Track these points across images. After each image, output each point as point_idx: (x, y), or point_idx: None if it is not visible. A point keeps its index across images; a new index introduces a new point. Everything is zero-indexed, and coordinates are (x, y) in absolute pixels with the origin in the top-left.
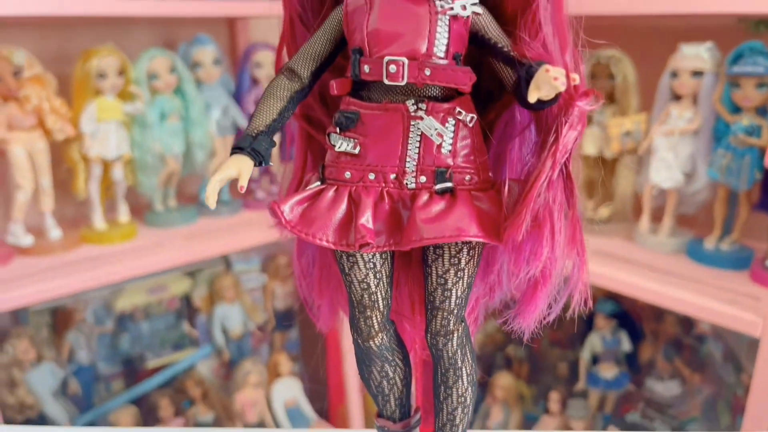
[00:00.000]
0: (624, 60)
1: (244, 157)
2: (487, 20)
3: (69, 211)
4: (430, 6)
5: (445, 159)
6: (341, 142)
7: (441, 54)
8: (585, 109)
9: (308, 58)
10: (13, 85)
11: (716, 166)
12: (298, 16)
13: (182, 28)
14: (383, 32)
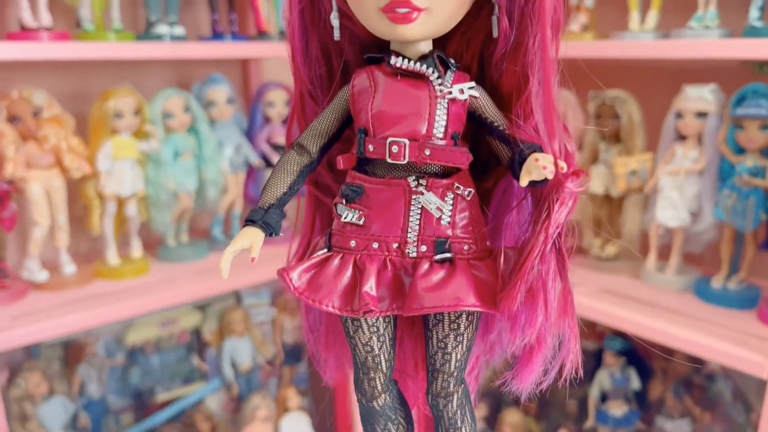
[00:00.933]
0: (629, 100)
1: (255, 229)
2: (484, 101)
3: (83, 246)
4: (429, 90)
5: (445, 230)
6: (347, 212)
7: (440, 135)
8: (574, 190)
9: (317, 135)
10: (32, 125)
11: (722, 206)
12: (308, 92)
13: (197, 68)
14: (386, 114)
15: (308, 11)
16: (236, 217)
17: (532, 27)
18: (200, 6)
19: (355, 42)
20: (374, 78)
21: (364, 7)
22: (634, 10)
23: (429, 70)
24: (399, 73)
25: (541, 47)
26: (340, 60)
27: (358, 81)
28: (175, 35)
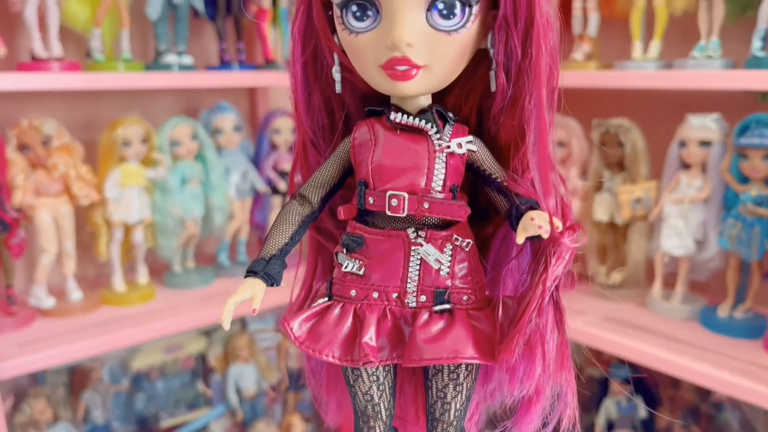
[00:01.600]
0: (633, 129)
1: (257, 280)
2: (482, 154)
3: (90, 272)
4: (428, 144)
5: (444, 281)
6: (347, 262)
7: (438, 188)
8: (570, 246)
9: (318, 186)
10: (42, 153)
11: (726, 235)
12: (310, 141)
13: (205, 96)
14: (386, 168)
15: (311, 65)
16: (242, 243)
17: (528, 84)
18: (208, 35)
19: (357, 94)
20: (374, 131)
21: (364, 64)
22: (636, 39)
23: (428, 125)
24: (398, 128)
25: (537, 105)
26: (342, 112)
27: (358, 134)
28: (183, 64)
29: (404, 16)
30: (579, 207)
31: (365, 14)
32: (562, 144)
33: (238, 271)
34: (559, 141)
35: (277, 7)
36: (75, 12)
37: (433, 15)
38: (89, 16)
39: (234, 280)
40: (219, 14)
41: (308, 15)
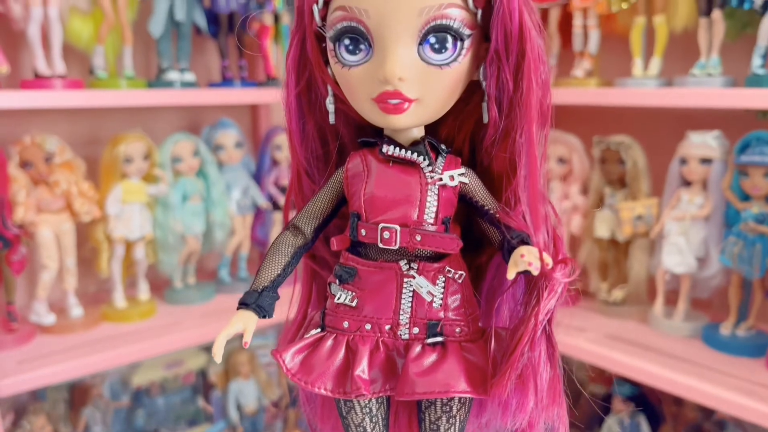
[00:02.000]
0: (634, 146)
1: (249, 312)
2: (474, 186)
3: (91, 287)
4: (420, 177)
5: (437, 313)
6: (340, 293)
7: (431, 220)
8: (562, 280)
9: (311, 216)
10: (44, 170)
11: (728, 253)
12: (305, 171)
13: (207, 112)
14: (378, 200)
15: (305, 95)
16: (243, 259)
17: (519, 118)
18: (211, 52)
19: (350, 124)
20: (367, 163)
21: (357, 97)
22: (637, 56)
23: (420, 158)
24: (391, 160)
25: (527, 141)
26: (336, 142)
27: (352, 165)
28: (185, 81)
29: (396, 51)
30: (580, 223)
31: (358, 48)
32: (562, 160)
33: (238, 287)
34: (559, 157)
35: (279, 24)
36: (78, 29)
37: (425, 49)
38: (92, 33)
39: (235, 296)
40: (221, 31)
41: (302, 46)
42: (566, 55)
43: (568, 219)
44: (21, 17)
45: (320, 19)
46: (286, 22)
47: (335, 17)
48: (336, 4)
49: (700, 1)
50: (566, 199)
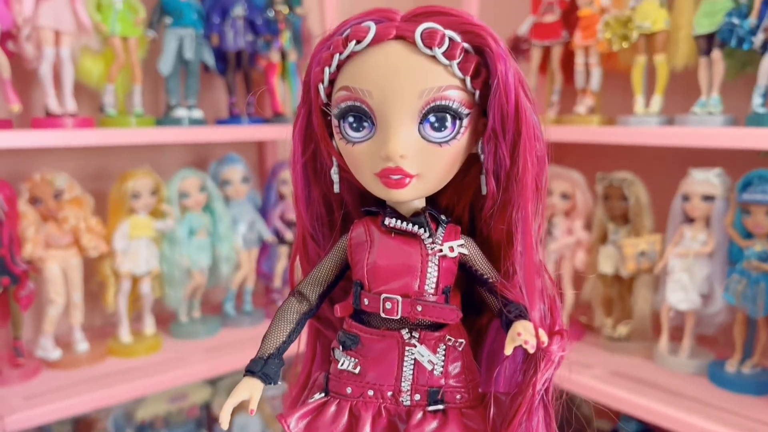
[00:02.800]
0: (636, 182)
1: (255, 380)
2: (473, 255)
3: (97, 321)
4: (421, 248)
5: (438, 380)
6: (344, 359)
7: (431, 290)
8: (558, 353)
9: (316, 283)
10: (53, 206)
11: (731, 290)
12: (310, 235)
13: (214, 148)
14: (380, 270)
15: (310, 165)
16: (248, 293)
17: (516, 193)
18: (219, 88)
19: (354, 191)
20: (370, 233)
21: (361, 171)
22: (638, 94)
23: (420, 229)
24: (393, 231)
25: (523, 217)
26: (341, 210)
27: (355, 234)
28: (193, 119)
29: (398, 130)
30: (584, 259)
31: (361, 125)
32: (566, 196)
33: (243, 320)
34: (563, 192)
35: (286, 61)
36: (89, 68)
37: (425, 127)
38: (103, 72)
39: (240, 329)
40: (229, 69)
41: (308, 120)
42: (569, 92)
43: (572, 254)
44: (33, 57)
45: (325, 96)
46: (293, 60)
47: (340, 96)
48: (340, 83)
49: (699, 41)
50: (570, 235)
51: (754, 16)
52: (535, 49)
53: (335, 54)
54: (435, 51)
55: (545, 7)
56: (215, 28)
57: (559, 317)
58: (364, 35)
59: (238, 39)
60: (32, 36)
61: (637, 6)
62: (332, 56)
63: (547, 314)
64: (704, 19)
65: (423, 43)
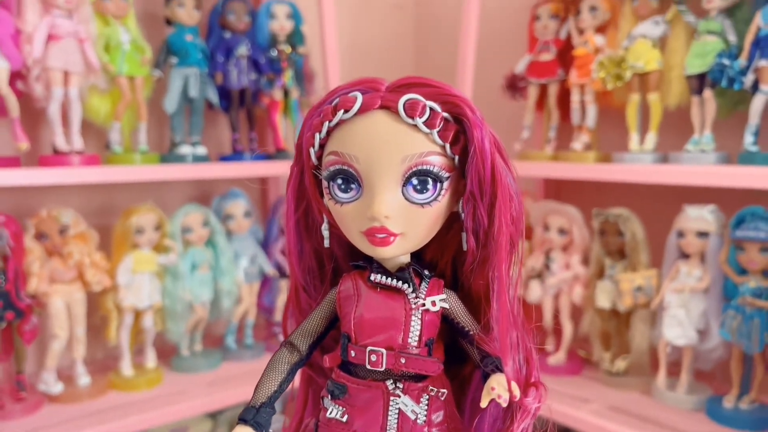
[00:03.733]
0: (632, 218)
1: (247, 428)
2: (455, 309)
3: (99, 355)
4: (405, 302)
5: (421, 429)
6: (332, 408)
7: (414, 343)
8: (533, 406)
9: (306, 334)
10: (58, 242)
11: (727, 326)
12: (302, 287)
13: (217, 182)
14: (367, 323)
15: (302, 221)
16: (249, 326)
17: (492, 252)
18: (222, 125)
19: (343, 245)
20: (358, 287)
21: (348, 228)
22: (633, 131)
23: (404, 285)
24: (378, 286)
25: (498, 276)
26: (331, 263)
27: (344, 287)
28: (197, 155)
29: (383, 192)
30: (581, 293)
31: (349, 187)
32: (563, 231)
33: (244, 354)
34: (560, 228)
35: (289, 98)
36: (97, 107)
37: (408, 190)
38: (110, 110)
39: (241, 363)
40: (232, 106)
41: (300, 179)
42: (565, 128)
43: (570, 289)
44: (42, 96)
45: (316, 159)
46: (295, 97)
47: (329, 160)
48: (330, 148)
49: (691, 80)
50: (567, 269)
51: (744, 57)
52: (532, 87)
53: (325, 121)
54: (416, 120)
55: (541, 46)
56: (219, 67)
57: (534, 369)
58: (351, 105)
59: (242, 77)
60: (41, 76)
61: (630, 46)
62: (322, 123)
63: (523, 365)
64: (695, 59)
65: (405, 113)
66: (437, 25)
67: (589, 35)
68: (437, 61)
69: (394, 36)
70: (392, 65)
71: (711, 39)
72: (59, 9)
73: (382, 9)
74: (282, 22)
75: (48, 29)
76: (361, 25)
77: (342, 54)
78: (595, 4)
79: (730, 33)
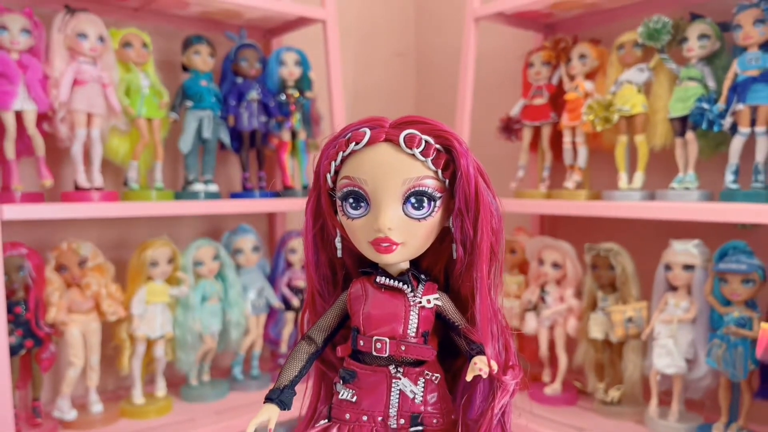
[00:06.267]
0: (622, 253)
1: (273, 405)
2: (446, 307)
3: (111, 384)
4: (405, 300)
5: (418, 407)
6: (343, 391)
7: (413, 334)
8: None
9: (322, 329)
10: (77, 273)
11: (713, 355)
12: (318, 292)
13: (228, 218)
14: (373, 317)
15: (319, 235)
16: (256, 357)
17: (477, 257)
18: (233, 164)
19: (353, 256)
20: (365, 289)
21: (358, 240)
22: (622, 170)
23: (404, 286)
24: (383, 287)
25: (480, 277)
26: (343, 271)
27: (354, 290)
28: (209, 192)
29: (387, 209)
30: (575, 325)
31: (359, 205)
32: (557, 265)
33: (251, 384)
34: (554, 262)
35: (296, 139)
36: (116, 147)
37: (407, 207)
38: (128, 150)
39: (247, 393)
40: (243, 147)
41: (317, 200)
42: (558, 168)
43: (564, 321)
44: (66, 137)
45: (331, 182)
46: (302, 138)
47: (343, 183)
48: (343, 173)
49: (674, 123)
50: (562, 302)
51: (722, 101)
52: (526, 129)
53: (340, 151)
54: (414, 150)
55: (534, 91)
56: (232, 110)
57: (512, 353)
58: (362, 138)
59: (253, 120)
60: (66, 118)
61: (617, 91)
62: (337, 153)
63: (502, 351)
64: (678, 103)
65: (405, 145)
66: (436, 72)
67: (579, 81)
68: (436, 105)
69: (396, 82)
70: (394, 109)
71: (692, 85)
72: (84, 56)
73: (384, 56)
74: (291, 69)
75: (74, 75)
76: (365, 72)
77: (347, 98)
78: (584, 53)
79: (710, 79)
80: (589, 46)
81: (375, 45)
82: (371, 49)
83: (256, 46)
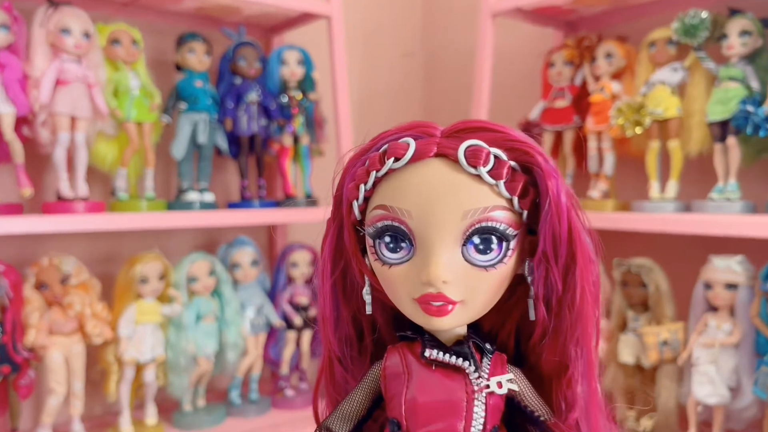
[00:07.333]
0: (655, 269)
1: None
2: (524, 391)
3: (97, 410)
4: (466, 384)
5: None
6: None
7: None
8: None
9: (345, 418)
10: (59, 292)
11: (761, 384)
12: (337, 358)
13: (225, 230)
14: (421, 408)
15: (339, 284)
16: (254, 380)
17: (571, 323)
18: (231, 171)
19: (387, 311)
20: (407, 363)
21: (397, 295)
22: (653, 179)
23: (465, 363)
24: (434, 363)
25: (584, 350)
26: (372, 333)
27: (390, 363)
28: (204, 202)
29: (440, 253)
30: (603, 348)
31: (399, 246)
32: None
33: (249, 410)
34: None
35: (299, 145)
36: (103, 152)
37: (469, 250)
38: (116, 156)
39: (246, 419)
40: (242, 152)
41: (338, 236)
42: (580, 175)
43: None
44: (48, 142)
45: (359, 213)
46: (305, 143)
47: (376, 215)
48: (376, 201)
49: (713, 127)
50: None
51: None
52: (547, 134)
53: (372, 170)
54: (480, 170)
55: (556, 92)
56: (229, 113)
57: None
58: (404, 152)
59: (252, 124)
60: (48, 121)
61: (648, 93)
62: (368, 173)
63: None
64: (717, 106)
65: (467, 162)
66: (446, 73)
67: (605, 82)
68: (446, 108)
69: (404, 83)
70: (401, 111)
71: (733, 85)
72: (68, 54)
73: (391, 56)
74: (293, 69)
75: (56, 74)
76: (372, 72)
77: (352, 100)
78: (610, 51)
79: (753, 79)
80: (615, 44)
81: (381, 43)
82: (378, 48)
83: (256, 44)
